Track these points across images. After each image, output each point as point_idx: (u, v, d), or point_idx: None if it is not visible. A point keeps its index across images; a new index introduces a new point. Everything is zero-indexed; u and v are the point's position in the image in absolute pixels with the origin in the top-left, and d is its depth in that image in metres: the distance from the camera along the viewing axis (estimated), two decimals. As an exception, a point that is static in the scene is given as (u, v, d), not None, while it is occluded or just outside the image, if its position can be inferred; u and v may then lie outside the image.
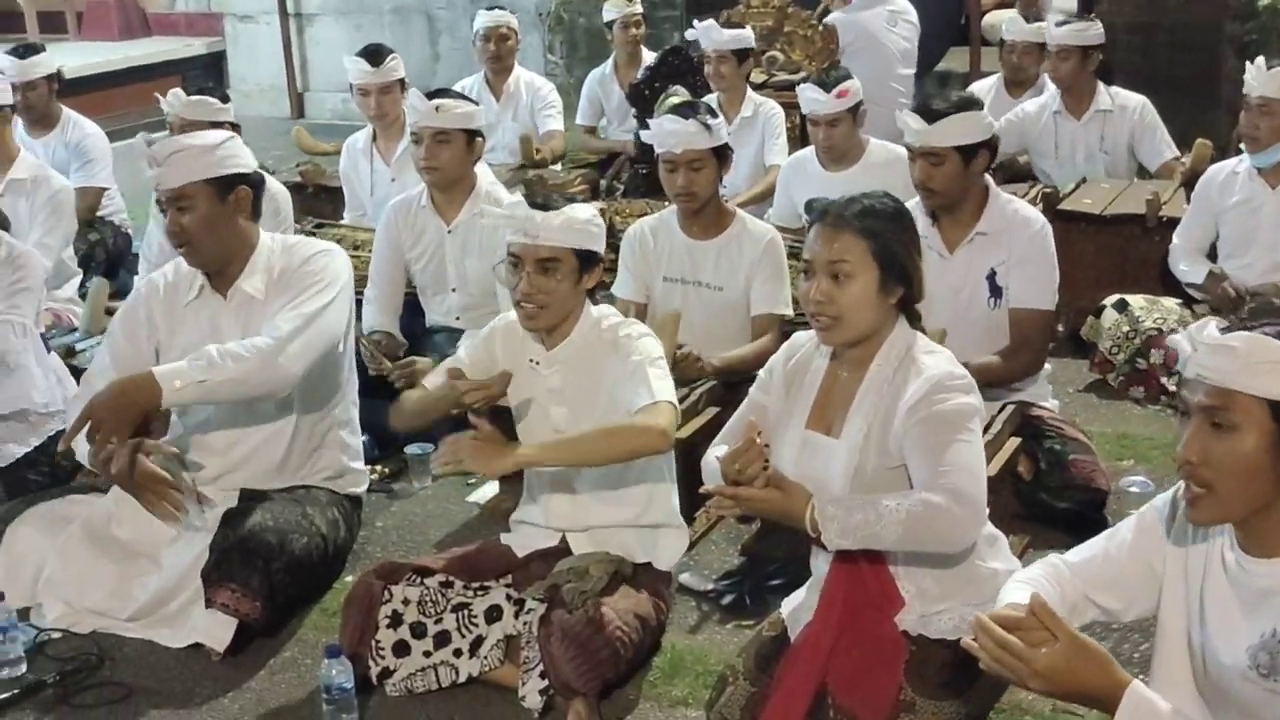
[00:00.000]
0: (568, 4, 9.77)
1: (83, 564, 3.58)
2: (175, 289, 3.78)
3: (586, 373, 3.38)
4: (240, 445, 3.75)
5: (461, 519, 4.28)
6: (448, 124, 4.66)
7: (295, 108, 11.14)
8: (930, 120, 4.05)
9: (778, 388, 3.04)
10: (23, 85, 6.22)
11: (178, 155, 3.58)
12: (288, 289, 3.64)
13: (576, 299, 3.38)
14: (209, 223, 3.61)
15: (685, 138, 4.34)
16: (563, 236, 3.30)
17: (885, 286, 2.86)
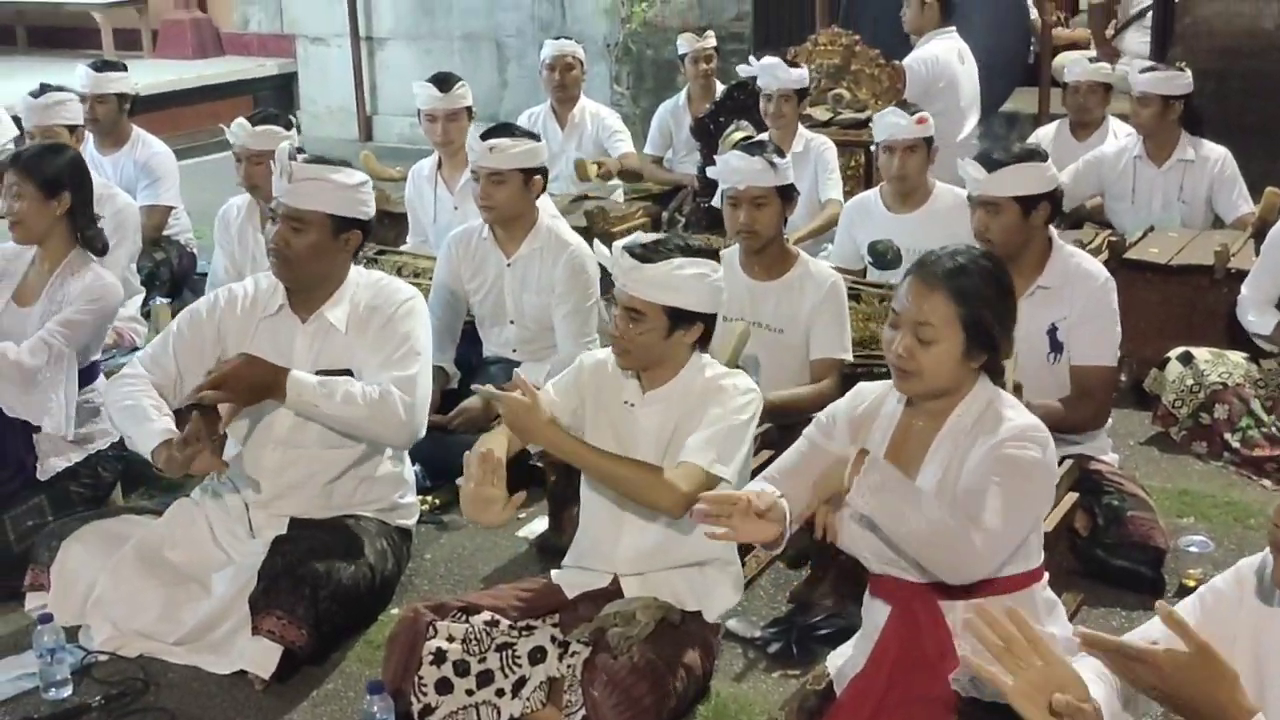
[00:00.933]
0: (635, 35, 9.79)
1: (133, 585, 3.59)
2: (254, 303, 3.81)
3: (683, 418, 3.34)
4: (292, 471, 3.76)
5: (510, 554, 4.27)
6: (502, 164, 4.66)
7: (363, 130, 11.23)
8: (990, 169, 4.01)
9: (841, 434, 3.01)
10: (93, 98, 6.29)
11: (314, 182, 3.64)
12: (380, 331, 3.69)
13: (669, 350, 3.33)
14: (315, 251, 3.67)
15: (750, 174, 4.32)
16: (651, 292, 3.26)
17: (969, 353, 2.85)
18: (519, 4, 10.43)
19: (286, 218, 3.63)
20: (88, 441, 4.31)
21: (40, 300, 4.26)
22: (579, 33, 9.30)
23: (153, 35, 11.80)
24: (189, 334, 3.79)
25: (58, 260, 4.30)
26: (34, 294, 4.29)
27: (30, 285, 4.32)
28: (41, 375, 4.13)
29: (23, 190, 4.22)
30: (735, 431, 3.26)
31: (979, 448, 2.79)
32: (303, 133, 10.78)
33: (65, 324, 4.16)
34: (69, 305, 4.21)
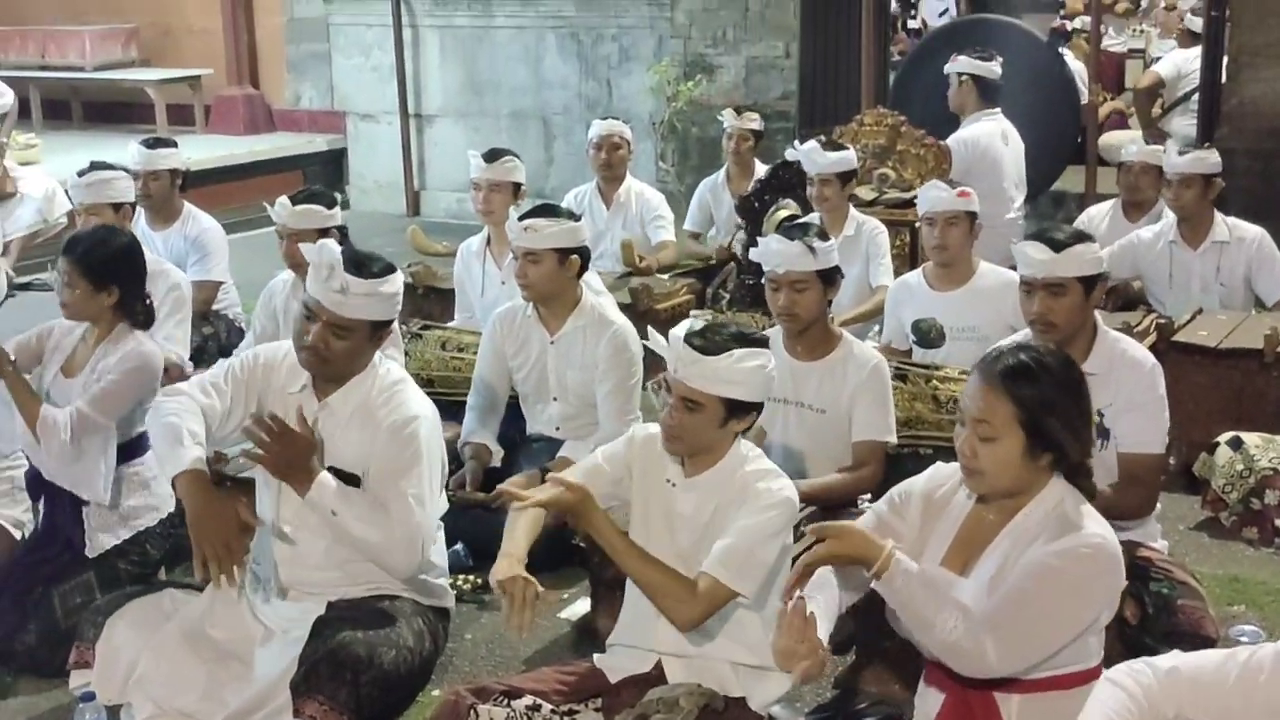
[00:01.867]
0: (681, 114, 9.86)
1: (175, 663, 3.58)
2: (286, 377, 3.85)
3: (719, 509, 3.34)
4: (326, 555, 3.76)
5: (552, 635, 4.24)
6: (536, 244, 4.69)
7: (411, 205, 11.33)
8: (1057, 250, 3.95)
9: (914, 515, 3.01)
10: (145, 174, 6.36)
11: (367, 298, 3.69)
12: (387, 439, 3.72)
13: (719, 438, 3.34)
14: (353, 354, 3.74)
15: (790, 259, 4.32)
16: (711, 385, 3.26)
17: (1031, 453, 2.82)
18: (566, 82, 10.54)
19: (330, 324, 3.67)
20: (134, 517, 4.34)
21: (83, 371, 4.32)
22: (625, 110, 9.41)
23: (205, 111, 11.98)
24: (242, 376, 3.86)
25: (104, 334, 4.37)
26: (79, 366, 4.36)
27: (77, 358, 4.39)
28: (81, 445, 4.15)
29: (75, 281, 4.29)
30: (760, 549, 3.25)
31: (1034, 549, 2.76)
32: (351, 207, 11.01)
33: (102, 394, 4.21)
34: (108, 375, 4.25)
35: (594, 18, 10.34)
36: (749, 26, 9.71)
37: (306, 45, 11.74)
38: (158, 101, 11.68)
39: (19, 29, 12.50)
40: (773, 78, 9.68)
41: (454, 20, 10.92)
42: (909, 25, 14.86)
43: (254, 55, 12.04)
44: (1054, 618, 2.72)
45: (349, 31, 11.47)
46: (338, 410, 3.77)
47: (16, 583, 4.16)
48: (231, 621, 3.67)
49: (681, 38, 9.94)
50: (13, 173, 9.04)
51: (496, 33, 10.78)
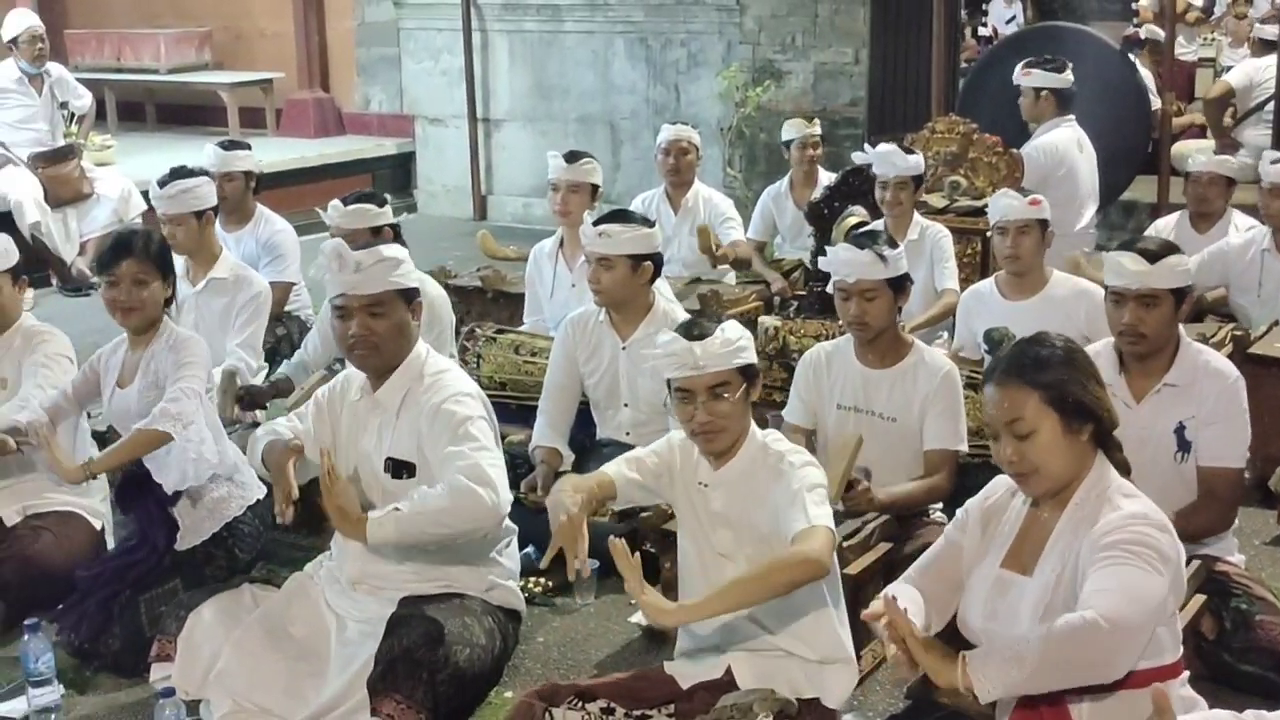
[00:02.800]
0: (749, 119, 9.86)
1: (255, 659, 3.63)
2: (346, 388, 3.97)
3: (750, 495, 3.39)
4: (398, 552, 3.78)
5: (623, 640, 4.26)
6: (610, 250, 4.72)
7: (478, 209, 11.40)
8: (1152, 260, 3.93)
9: (973, 527, 3.05)
10: (221, 176, 6.44)
11: (380, 265, 3.75)
12: (431, 419, 3.75)
13: (746, 415, 3.44)
14: (398, 330, 3.80)
15: (859, 267, 4.32)
16: (725, 359, 3.35)
17: (1070, 427, 2.85)
18: (634, 88, 10.57)
19: (364, 307, 3.75)
20: (222, 507, 4.39)
21: (137, 377, 4.42)
22: (693, 116, 9.42)
23: (276, 114, 12.10)
24: (314, 412, 3.99)
25: (146, 341, 4.46)
26: (132, 373, 4.46)
27: (127, 368, 4.49)
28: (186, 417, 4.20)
29: (149, 278, 4.36)
30: (815, 492, 3.28)
31: (1086, 543, 2.77)
32: (418, 211, 11.08)
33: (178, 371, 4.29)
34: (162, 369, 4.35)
35: (663, 23, 10.36)
36: (818, 33, 9.69)
37: (377, 49, 11.84)
38: (230, 104, 11.80)
39: (96, 32, 12.68)
40: (841, 84, 9.67)
41: (523, 25, 10.98)
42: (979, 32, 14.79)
43: (325, 59, 12.15)
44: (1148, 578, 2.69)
45: (419, 36, 11.55)
46: (387, 402, 3.83)
47: (104, 587, 4.22)
48: (309, 617, 3.73)
49: (750, 43, 9.94)
50: (89, 173, 9.18)
51: (565, 38, 10.83)
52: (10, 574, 4.37)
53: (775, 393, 5.29)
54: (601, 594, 4.47)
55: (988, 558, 2.98)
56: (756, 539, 3.37)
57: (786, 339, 5.70)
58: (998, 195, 5.45)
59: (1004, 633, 2.84)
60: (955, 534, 3.11)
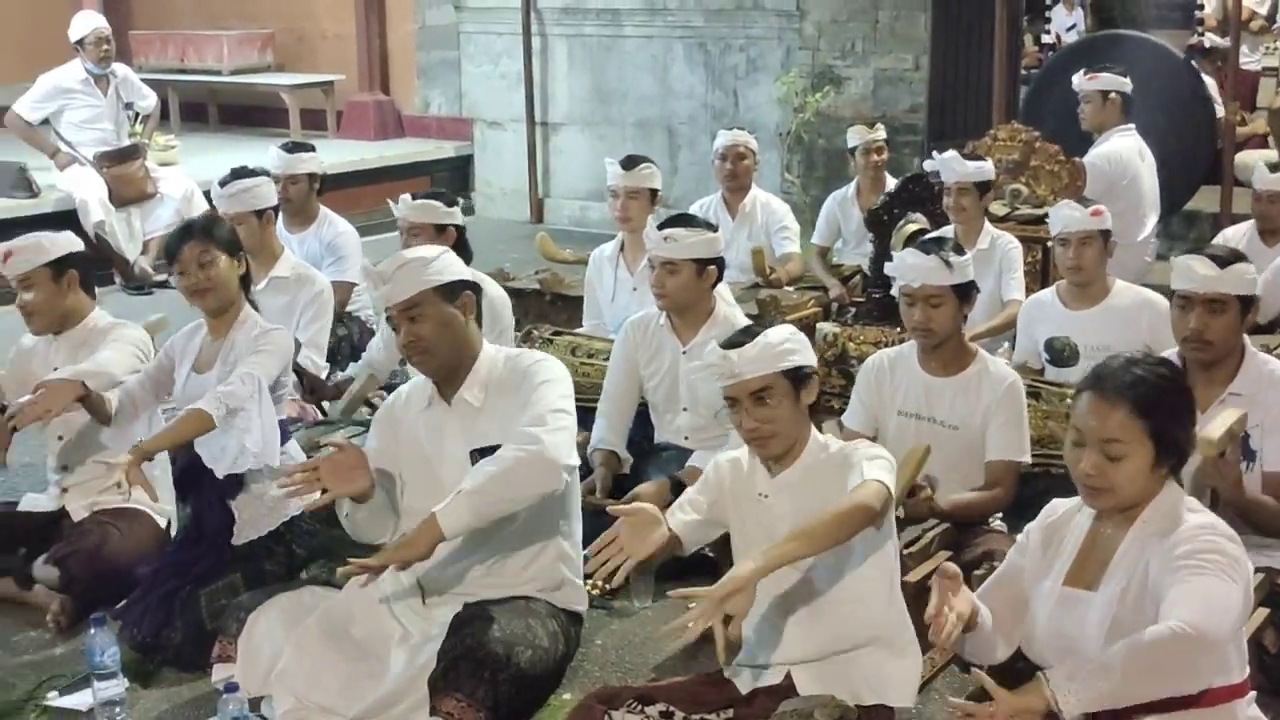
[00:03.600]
0: (807, 125, 9.84)
1: (315, 659, 3.65)
2: (410, 399, 3.95)
3: (817, 495, 3.37)
4: (457, 549, 3.80)
5: (681, 644, 4.25)
6: (675, 254, 4.73)
7: (535, 212, 11.44)
8: (1222, 266, 3.91)
9: (1034, 547, 3.05)
10: (285, 179, 6.51)
11: (405, 268, 3.73)
12: (515, 393, 3.76)
13: (802, 417, 3.42)
14: (442, 327, 3.76)
15: (925, 273, 4.30)
16: (763, 365, 3.34)
17: (1160, 461, 2.84)
18: (692, 92, 10.57)
19: (403, 312, 3.74)
20: (282, 505, 4.42)
21: (216, 365, 4.43)
22: (751, 121, 9.40)
23: (337, 116, 12.19)
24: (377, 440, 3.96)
25: (226, 327, 4.47)
26: (210, 361, 4.47)
27: (205, 355, 4.51)
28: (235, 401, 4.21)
29: (214, 256, 4.38)
30: (876, 461, 3.28)
31: (1158, 556, 2.76)
32: (476, 213, 11.13)
33: (253, 363, 4.31)
34: (243, 356, 4.36)
35: (722, 28, 10.36)
36: (878, 39, 9.67)
37: (437, 52, 11.91)
38: (291, 106, 11.90)
39: (160, 33, 12.82)
40: (901, 90, 9.63)
41: (583, 29, 11.01)
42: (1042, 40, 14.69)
43: (385, 62, 12.23)
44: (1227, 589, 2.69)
45: (479, 40, 11.60)
46: (472, 400, 3.81)
47: (165, 582, 4.26)
48: (370, 620, 3.74)
49: (810, 49, 9.92)
50: (153, 173, 9.29)
51: (624, 42, 10.85)
52: (77, 568, 4.44)
53: (834, 399, 5.28)
54: (659, 597, 4.47)
55: (1049, 575, 2.97)
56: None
57: (845, 345, 5.69)
58: (1060, 206, 5.42)
59: (1071, 650, 2.82)
60: (1016, 557, 3.13)
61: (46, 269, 4.65)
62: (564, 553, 3.94)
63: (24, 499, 4.88)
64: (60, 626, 4.43)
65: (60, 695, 4.02)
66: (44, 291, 4.66)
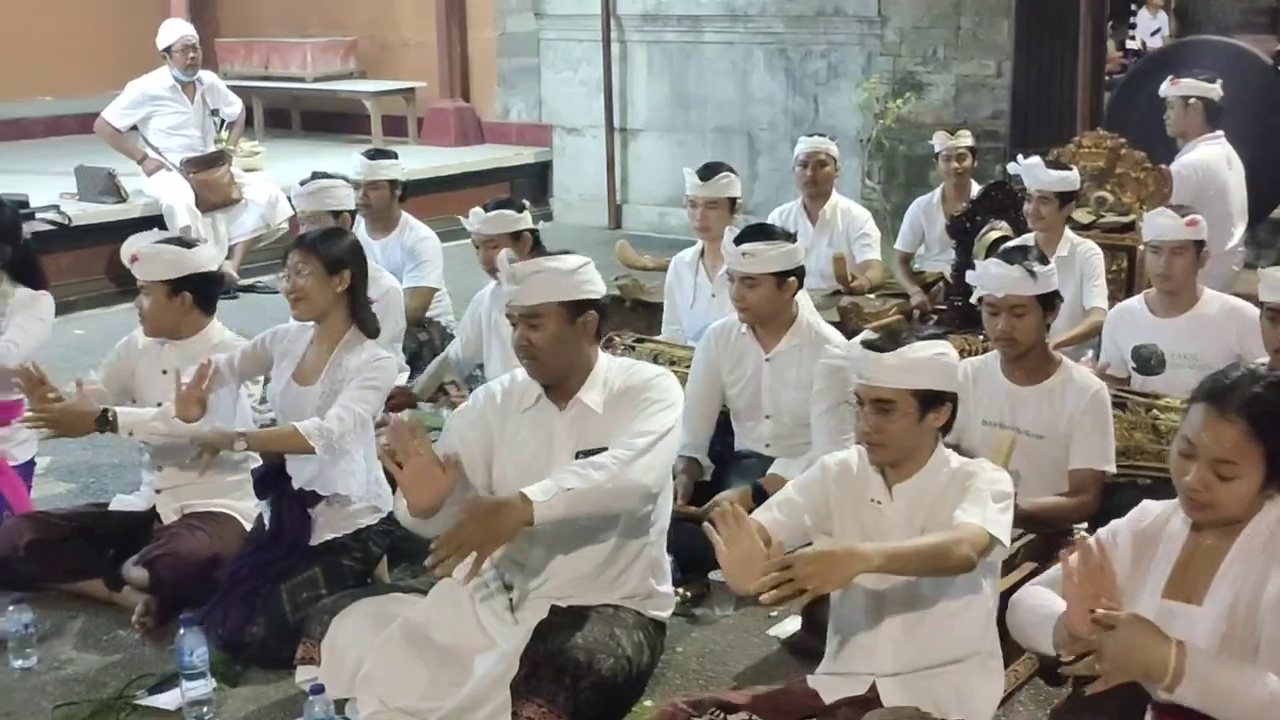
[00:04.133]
0: (888, 131, 9.80)
1: (399, 664, 3.67)
2: (511, 396, 3.91)
3: (933, 512, 3.35)
4: (552, 560, 3.81)
5: (763, 653, 4.25)
6: (754, 269, 4.72)
7: (613, 218, 11.47)
8: None
9: (1124, 554, 2.97)
10: (367, 185, 6.57)
11: (537, 276, 3.72)
12: (631, 405, 3.74)
13: (920, 437, 3.37)
14: (557, 341, 3.74)
15: (1009, 283, 4.27)
16: (896, 378, 3.31)
17: (1270, 485, 2.79)
18: (772, 99, 10.56)
19: (523, 318, 3.73)
20: (358, 515, 4.49)
21: (320, 380, 4.45)
22: (831, 127, 9.36)
23: (418, 123, 12.29)
24: (460, 438, 3.89)
25: (335, 340, 4.48)
26: (314, 374, 4.48)
27: (309, 365, 4.51)
28: (345, 442, 4.30)
29: (307, 267, 4.41)
30: (1000, 498, 3.26)
31: (1277, 576, 2.70)
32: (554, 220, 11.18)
33: (359, 390, 4.35)
34: (350, 381, 4.38)
35: (803, 34, 10.34)
36: (960, 45, 9.61)
37: (517, 59, 11.97)
38: (373, 112, 12.01)
39: (245, 40, 12.99)
40: (983, 97, 9.57)
41: (663, 36, 11.03)
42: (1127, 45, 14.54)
43: (466, 69, 12.32)
44: None
45: (558, 47, 11.65)
46: (592, 404, 3.78)
47: (247, 579, 4.33)
48: (455, 624, 3.74)
49: (891, 55, 9.88)
50: (238, 179, 9.41)
51: (705, 48, 10.85)
52: (164, 571, 4.50)
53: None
54: (740, 605, 4.46)
55: (1145, 588, 2.89)
56: None
57: (927, 354, 5.65)
58: (1155, 214, 5.35)
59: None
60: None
61: (164, 284, 4.71)
62: (653, 562, 3.93)
63: (114, 500, 4.97)
64: (146, 628, 4.50)
65: (149, 695, 4.09)
66: (157, 303, 4.72)
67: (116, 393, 4.85)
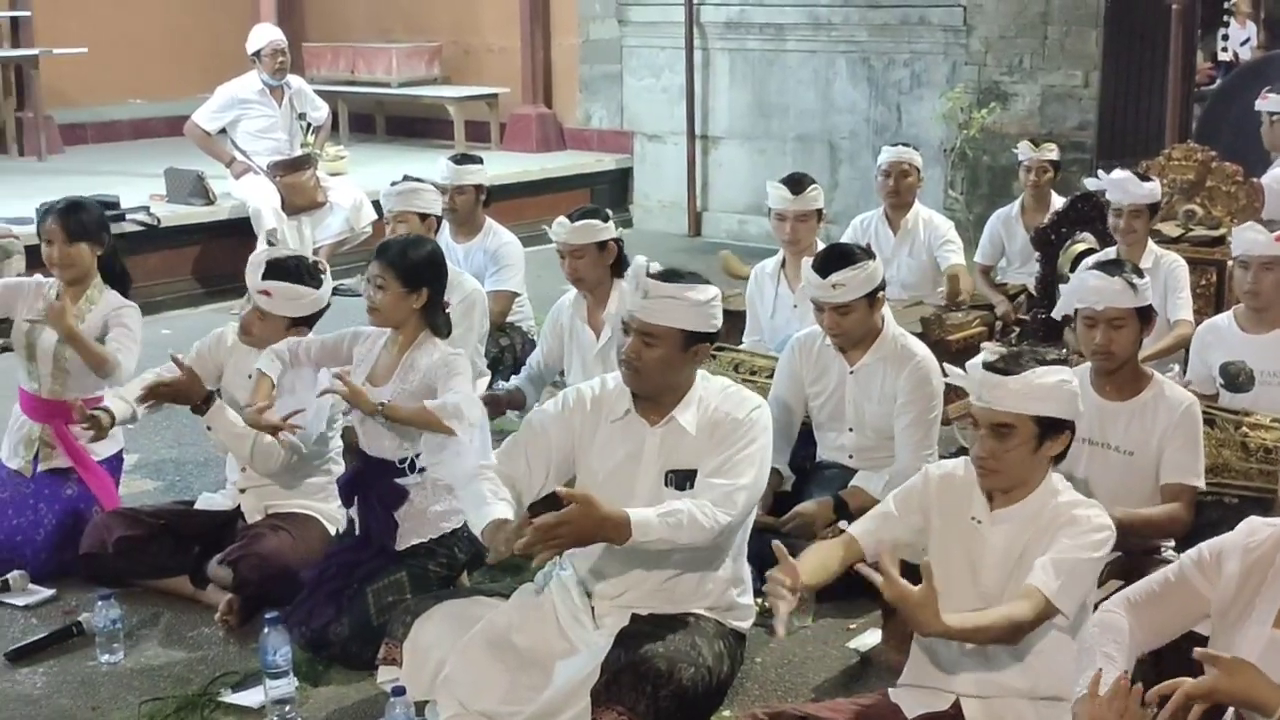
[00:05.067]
0: (972, 141, 9.72)
1: (480, 666, 3.69)
2: (601, 403, 3.89)
3: (1033, 541, 3.30)
4: (633, 568, 3.80)
5: (841, 665, 4.23)
6: (847, 298, 4.68)
7: (693, 226, 11.48)
8: None
9: (1231, 576, 2.85)
10: (453, 190, 6.62)
11: (670, 301, 3.69)
12: (726, 439, 3.71)
13: (1034, 467, 3.32)
14: (664, 364, 3.72)
15: (1109, 295, 4.22)
16: (1019, 403, 3.25)
17: None
18: (855, 107, 10.52)
19: (640, 331, 3.71)
20: (442, 520, 4.50)
21: (392, 380, 4.47)
22: (914, 137, 9.30)
23: (501, 128, 12.35)
24: (538, 431, 3.90)
25: (409, 343, 4.51)
26: (386, 375, 4.51)
27: (383, 366, 4.54)
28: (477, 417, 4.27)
29: (386, 282, 4.43)
30: (1083, 566, 3.21)
31: None
32: (634, 226, 11.19)
33: (447, 381, 4.35)
34: (423, 379, 4.40)
35: (887, 43, 10.29)
36: (1047, 54, 9.51)
37: (599, 66, 12.01)
38: (457, 118, 12.09)
39: (331, 46, 13.11)
40: (1070, 107, 9.47)
41: (746, 44, 11.02)
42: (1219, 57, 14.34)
43: (549, 75, 12.36)
44: None
45: (641, 54, 11.68)
46: (687, 425, 3.76)
47: (333, 579, 4.38)
48: (536, 629, 3.76)
49: (976, 64, 9.81)
50: (323, 183, 9.50)
51: (787, 57, 10.83)
52: (248, 571, 4.56)
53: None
54: (819, 617, 4.44)
55: (1252, 617, 2.78)
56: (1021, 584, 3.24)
57: (1009, 369, 5.60)
58: (1243, 228, 5.27)
59: None
60: (1195, 575, 2.90)
61: (286, 318, 4.79)
62: (735, 573, 3.91)
63: (200, 498, 5.04)
64: (229, 626, 4.56)
65: (233, 692, 4.14)
66: (274, 330, 4.77)
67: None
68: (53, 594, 4.79)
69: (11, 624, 4.63)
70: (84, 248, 5.10)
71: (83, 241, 5.09)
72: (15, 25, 11.94)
